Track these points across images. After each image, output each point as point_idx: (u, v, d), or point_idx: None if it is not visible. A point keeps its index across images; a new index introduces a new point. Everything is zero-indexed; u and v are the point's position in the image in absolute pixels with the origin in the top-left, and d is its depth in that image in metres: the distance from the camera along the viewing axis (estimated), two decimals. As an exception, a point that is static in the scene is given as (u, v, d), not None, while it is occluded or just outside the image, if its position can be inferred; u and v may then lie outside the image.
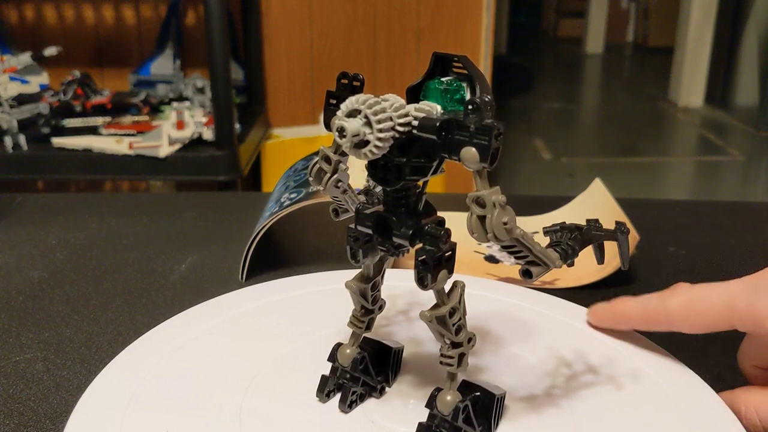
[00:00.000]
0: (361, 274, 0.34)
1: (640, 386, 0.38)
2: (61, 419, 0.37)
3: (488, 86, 0.29)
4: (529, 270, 0.31)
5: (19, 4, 1.74)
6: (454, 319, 0.31)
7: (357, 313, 0.35)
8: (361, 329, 0.35)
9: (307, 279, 0.49)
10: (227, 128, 1.38)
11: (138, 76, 1.66)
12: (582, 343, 0.42)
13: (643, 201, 0.74)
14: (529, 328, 0.43)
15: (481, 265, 0.54)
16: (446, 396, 0.32)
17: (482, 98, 0.27)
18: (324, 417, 0.35)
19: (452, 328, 0.31)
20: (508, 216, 0.28)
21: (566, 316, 0.44)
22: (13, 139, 1.37)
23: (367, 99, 0.28)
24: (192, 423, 0.34)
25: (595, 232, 0.37)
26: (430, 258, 0.29)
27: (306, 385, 0.37)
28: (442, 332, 0.31)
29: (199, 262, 0.57)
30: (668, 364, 0.39)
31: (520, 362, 0.40)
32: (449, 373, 0.32)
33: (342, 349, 0.36)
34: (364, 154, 0.28)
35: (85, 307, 0.49)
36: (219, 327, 0.43)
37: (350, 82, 0.31)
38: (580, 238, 0.35)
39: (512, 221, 0.28)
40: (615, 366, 0.40)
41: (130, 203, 0.72)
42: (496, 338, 0.42)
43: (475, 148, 0.27)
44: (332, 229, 0.61)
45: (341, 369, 0.36)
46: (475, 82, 0.29)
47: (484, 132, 0.27)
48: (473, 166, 0.27)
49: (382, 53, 1.80)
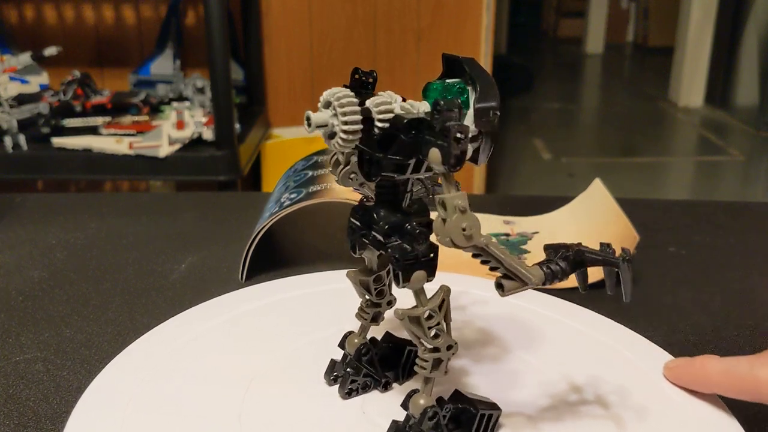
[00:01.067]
0: (364, 266, 0.35)
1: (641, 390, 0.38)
2: (61, 419, 0.37)
3: (494, 91, 0.29)
4: (502, 284, 0.30)
5: (19, 4, 1.74)
6: (431, 323, 0.31)
7: (363, 304, 0.36)
8: (366, 320, 0.36)
9: (307, 279, 0.49)
10: (227, 128, 1.38)
11: (138, 76, 1.66)
12: (584, 347, 0.42)
13: (643, 201, 0.74)
14: (530, 330, 0.43)
15: (481, 265, 0.54)
16: (419, 399, 0.32)
17: (450, 101, 0.27)
18: (324, 417, 0.35)
19: (428, 331, 0.30)
20: (468, 222, 0.28)
21: (569, 318, 0.44)
22: (13, 139, 1.37)
23: (338, 92, 0.29)
24: (192, 423, 0.34)
25: (589, 255, 0.32)
26: (401, 255, 0.30)
27: (306, 385, 0.37)
28: (417, 333, 0.31)
29: (199, 262, 0.57)
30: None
31: (521, 368, 0.40)
32: (424, 377, 0.32)
33: (350, 338, 0.36)
34: (333, 144, 0.29)
35: (85, 307, 0.49)
36: (219, 327, 0.43)
37: (363, 78, 0.31)
38: (571, 258, 0.32)
39: (473, 228, 0.28)
40: (619, 372, 0.40)
41: (130, 203, 0.72)
42: (496, 340, 0.42)
43: (439, 150, 0.27)
44: (332, 229, 0.61)
45: (349, 357, 0.36)
46: (477, 86, 0.29)
47: (445, 134, 0.27)
48: (437, 167, 0.27)
49: (382, 53, 1.80)
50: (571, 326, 0.43)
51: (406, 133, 0.28)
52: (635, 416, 0.35)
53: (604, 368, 0.39)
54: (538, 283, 0.30)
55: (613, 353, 0.41)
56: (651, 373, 0.38)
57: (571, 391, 0.37)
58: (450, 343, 0.31)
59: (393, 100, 0.29)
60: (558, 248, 0.32)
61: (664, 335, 0.45)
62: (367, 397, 0.36)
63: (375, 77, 0.31)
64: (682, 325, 0.47)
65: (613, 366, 0.40)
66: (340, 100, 0.28)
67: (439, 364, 0.31)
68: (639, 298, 0.51)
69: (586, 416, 0.35)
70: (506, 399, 0.35)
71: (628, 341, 0.42)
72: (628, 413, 0.35)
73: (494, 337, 0.42)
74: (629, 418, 0.35)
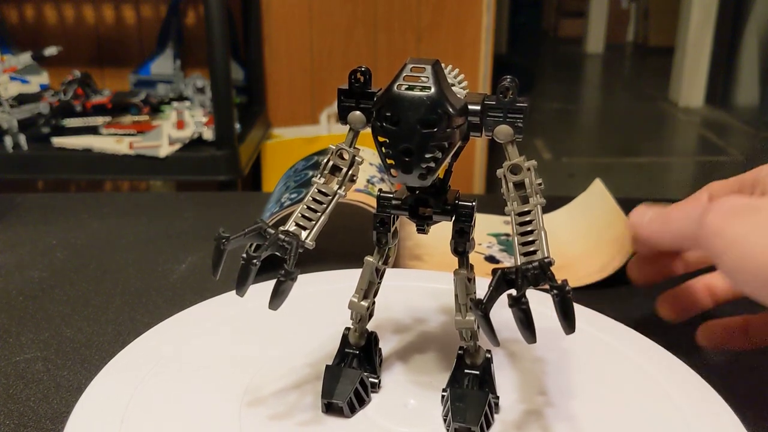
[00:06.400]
0: (380, 254, 0.36)
1: (642, 390, 0.38)
2: (61, 419, 0.37)
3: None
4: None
5: (19, 4, 1.74)
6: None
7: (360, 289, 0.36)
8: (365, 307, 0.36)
9: (307, 279, 0.49)
10: (227, 128, 1.38)
11: (138, 76, 1.66)
12: (584, 347, 0.42)
13: (643, 201, 0.74)
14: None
15: (481, 265, 0.54)
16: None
17: (511, 80, 0.31)
18: (324, 418, 0.35)
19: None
20: (540, 179, 0.32)
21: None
22: (13, 138, 1.37)
23: None
24: (191, 423, 0.34)
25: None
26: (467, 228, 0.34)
27: (306, 385, 0.37)
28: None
29: (199, 262, 0.57)
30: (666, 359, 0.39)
31: (519, 364, 0.40)
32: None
33: (351, 333, 0.37)
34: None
35: (85, 307, 0.49)
36: (219, 327, 0.43)
37: (356, 75, 0.32)
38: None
39: (542, 185, 0.32)
40: (617, 367, 0.40)
41: (130, 203, 0.72)
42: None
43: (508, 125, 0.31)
44: (332, 229, 0.61)
45: (351, 357, 0.37)
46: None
47: (519, 111, 0.31)
48: (506, 139, 0.31)
49: (382, 53, 1.80)
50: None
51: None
52: (632, 411, 0.35)
53: (604, 366, 0.39)
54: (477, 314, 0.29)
55: (614, 352, 0.41)
56: (651, 373, 0.38)
57: (568, 387, 0.37)
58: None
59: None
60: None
61: (664, 335, 0.45)
62: (367, 409, 0.36)
63: (367, 74, 0.32)
64: (681, 324, 0.47)
65: (613, 364, 0.40)
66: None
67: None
68: (639, 298, 0.51)
69: (582, 411, 0.35)
70: (505, 395, 0.35)
71: (628, 340, 0.42)
72: (626, 410, 0.35)
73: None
74: (628, 416, 0.35)
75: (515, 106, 0.31)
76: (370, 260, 0.35)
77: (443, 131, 0.30)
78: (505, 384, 0.37)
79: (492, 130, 0.31)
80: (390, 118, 0.30)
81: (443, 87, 0.30)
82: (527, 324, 0.28)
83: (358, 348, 0.37)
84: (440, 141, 0.30)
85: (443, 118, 0.29)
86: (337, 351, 0.37)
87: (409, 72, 0.30)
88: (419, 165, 0.30)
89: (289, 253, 0.31)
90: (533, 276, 0.29)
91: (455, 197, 0.34)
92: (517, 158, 0.31)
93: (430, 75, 0.30)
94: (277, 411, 0.35)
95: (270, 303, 0.31)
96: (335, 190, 0.33)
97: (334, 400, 0.34)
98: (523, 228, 0.31)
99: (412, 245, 0.57)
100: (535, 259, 0.29)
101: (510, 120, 0.31)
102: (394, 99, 0.30)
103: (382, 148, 0.30)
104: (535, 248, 0.30)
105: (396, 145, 0.30)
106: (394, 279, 0.41)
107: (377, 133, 0.31)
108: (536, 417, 0.35)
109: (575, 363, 0.40)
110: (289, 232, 0.32)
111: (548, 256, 0.30)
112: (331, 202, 0.33)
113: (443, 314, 0.44)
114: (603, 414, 0.35)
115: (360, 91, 0.32)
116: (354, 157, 0.33)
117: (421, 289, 0.47)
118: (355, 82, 0.32)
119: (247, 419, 0.34)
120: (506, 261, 0.55)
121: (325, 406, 0.35)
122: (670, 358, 0.40)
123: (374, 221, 0.35)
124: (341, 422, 0.34)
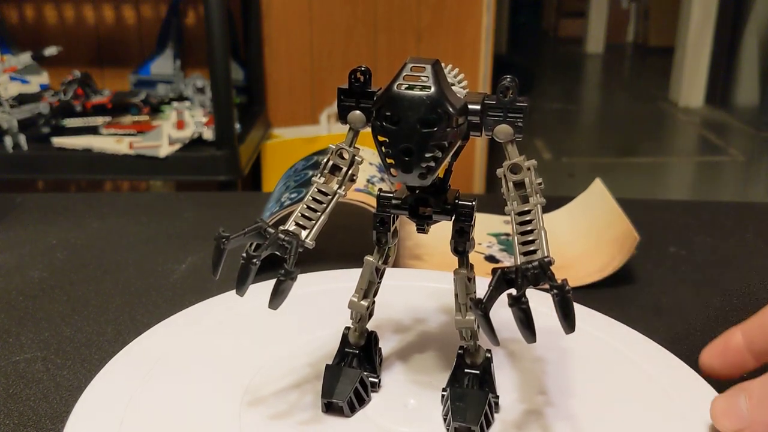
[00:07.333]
0: (380, 253, 0.36)
1: (641, 390, 0.38)
2: (61, 419, 0.37)
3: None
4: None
5: (19, 4, 1.74)
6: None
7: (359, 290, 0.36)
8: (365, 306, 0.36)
9: (307, 279, 0.49)
10: (227, 128, 1.38)
11: (138, 76, 1.66)
12: (584, 347, 0.42)
13: (643, 201, 0.74)
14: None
15: (481, 264, 0.54)
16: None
17: (510, 80, 0.31)
18: (324, 418, 0.35)
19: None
20: (540, 178, 0.32)
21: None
22: (13, 139, 1.37)
23: None
24: (191, 422, 0.34)
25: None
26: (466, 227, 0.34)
27: (306, 385, 0.37)
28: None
29: (199, 262, 0.57)
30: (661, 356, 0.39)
31: (519, 364, 0.40)
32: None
33: (351, 332, 0.37)
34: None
35: (85, 307, 0.49)
36: (218, 327, 0.43)
37: (355, 75, 0.32)
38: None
39: (542, 184, 0.32)
40: (617, 367, 0.40)
41: (130, 203, 0.72)
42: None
43: (508, 125, 0.31)
44: (332, 228, 0.61)
45: (351, 358, 0.37)
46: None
47: (519, 110, 0.31)
48: (505, 138, 0.31)
49: (382, 53, 1.80)
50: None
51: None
52: (632, 411, 0.35)
53: (604, 365, 0.39)
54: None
55: (613, 352, 0.41)
56: (651, 373, 0.38)
57: (568, 386, 0.37)
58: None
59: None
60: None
61: (664, 335, 0.45)
62: (367, 409, 0.36)
63: (366, 74, 0.32)
64: (681, 325, 0.47)
65: (613, 363, 0.40)
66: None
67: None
68: (639, 298, 0.51)
69: (582, 410, 0.35)
70: (505, 395, 0.35)
71: (628, 340, 0.42)
72: (626, 410, 0.35)
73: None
74: (628, 416, 0.35)
75: (515, 106, 0.31)
76: (370, 260, 0.35)
77: (443, 131, 0.30)
78: (505, 383, 0.37)
79: (492, 129, 0.31)
80: (390, 117, 0.30)
81: (443, 86, 0.30)
82: (527, 323, 0.28)
83: (358, 347, 0.37)
84: (440, 140, 0.30)
85: (443, 118, 0.29)
86: (337, 350, 0.37)
87: (409, 71, 0.30)
88: (419, 164, 0.30)
89: (289, 253, 0.31)
90: (533, 275, 0.29)
91: (455, 197, 0.34)
92: (517, 158, 0.31)
93: (430, 74, 0.30)
94: (277, 411, 0.35)
95: (270, 302, 0.31)
96: (335, 190, 0.33)
97: (334, 400, 0.34)
98: (523, 227, 0.31)
99: (412, 245, 0.57)
100: (535, 259, 0.29)
101: (510, 119, 0.31)
102: (394, 98, 0.30)
103: (382, 148, 0.30)
104: (535, 248, 0.30)
105: (396, 144, 0.30)
106: (394, 279, 0.41)
107: (377, 133, 0.31)
108: (536, 416, 0.35)
109: (575, 363, 0.40)
110: (289, 231, 0.32)
111: (548, 256, 0.30)
112: (331, 201, 0.33)
113: (443, 314, 0.44)
114: (603, 413, 0.35)
115: (360, 91, 0.32)
116: (354, 157, 0.33)
117: (421, 289, 0.47)
118: (355, 82, 0.32)
119: (247, 419, 0.34)
120: (506, 261, 0.55)
121: (325, 406, 0.35)
122: (670, 358, 0.40)
123: (374, 221, 0.35)
124: (341, 422, 0.34)
